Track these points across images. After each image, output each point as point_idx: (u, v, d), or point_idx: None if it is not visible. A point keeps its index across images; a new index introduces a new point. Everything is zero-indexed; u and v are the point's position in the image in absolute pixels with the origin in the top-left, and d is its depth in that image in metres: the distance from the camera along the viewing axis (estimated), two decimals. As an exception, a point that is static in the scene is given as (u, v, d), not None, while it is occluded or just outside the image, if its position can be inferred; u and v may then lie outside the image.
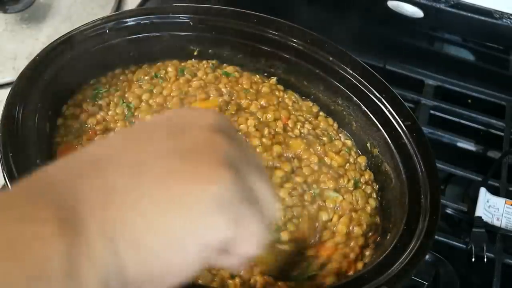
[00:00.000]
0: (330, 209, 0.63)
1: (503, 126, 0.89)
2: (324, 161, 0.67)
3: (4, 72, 0.85)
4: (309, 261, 0.58)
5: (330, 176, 0.66)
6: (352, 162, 0.69)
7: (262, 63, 0.76)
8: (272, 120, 0.70)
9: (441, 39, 1.05)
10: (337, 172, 0.66)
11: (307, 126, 0.71)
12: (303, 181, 0.64)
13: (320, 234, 0.61)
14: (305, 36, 0.74)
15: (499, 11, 0.90)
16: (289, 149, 0.67)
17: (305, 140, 0.69)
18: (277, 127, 0.69)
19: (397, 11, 0.96)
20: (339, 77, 0.72)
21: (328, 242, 0.60)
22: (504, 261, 0.69)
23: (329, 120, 0.73)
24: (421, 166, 0.62)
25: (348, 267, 0.59)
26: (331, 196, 0.64)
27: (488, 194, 0.75)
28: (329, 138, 0.70)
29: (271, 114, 0.70)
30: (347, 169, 0.68)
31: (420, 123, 0.71)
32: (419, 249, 0.54)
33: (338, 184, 0.65)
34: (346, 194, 0.64)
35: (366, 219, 0.63)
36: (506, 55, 1.01)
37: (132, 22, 0.71)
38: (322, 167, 0.66)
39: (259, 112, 0.71)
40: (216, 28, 0.74)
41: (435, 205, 0.58)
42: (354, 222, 0.62)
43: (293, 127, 0.70)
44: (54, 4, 0.95)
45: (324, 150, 0.68)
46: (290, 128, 0.70)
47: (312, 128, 0.71)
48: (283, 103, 0.73)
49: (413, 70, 0.96)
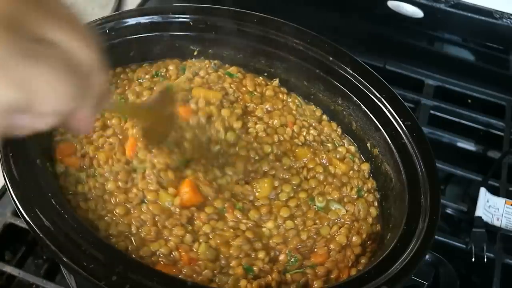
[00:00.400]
0: (332, 222, 0.63)
1: (503, 126, 0.89)
2: (329, 170, 0.68)
3: (4, 72, 0.85)
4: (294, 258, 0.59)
5: (334, 186, 0.66)
6: (355, 169, 0.69)
7: (262, 63, 0.76)
8: (279, 126, 0.70)
9: (441, 39, 1.05)
10: (340, 181, 0.67)
11: (312, 132, 0.71)
12: (307, 196, 0.64)
13: (313, 242, 0.61)
14: (305, 36, 0.74)
15: (499, 11, 0.90)
16: (296, 158, 0.68)
17: (311, 148, 0.69)
18: (284, 133, 0.70)
19: (397, 11, 0.96)
20: (339, 77, 0.72)
21: (321, 249, 0.60)
22: (504, 261, 0.69)
23: (332, 125, 0.73)
24: (421, 166, 0.62)
25: (340, 272, 0.59)
26: (335, 208, 0.64)
27: (488, 194, 0.75)
28: (333, 145, 0.71)
29: (277, 119, 0.71)
30: (351, 176, 0.68)
31: (420, 123, 0.71)
32: (419, 249, 0.54)
33: (341, 193, 0.65)
34: (348, 204, 0.64)
35: (367, 229, 0.63)
36: (506, 55, 1.01)
37: (132, 22, 0.71)
38: (327, 177, 0.67)
39: (265, 116, 0.71)
40: (216, 28, 0.74)
41: (435, 205, 0.58)
42: (354, 232, 0.62)
43: (298, 132, 0.71)
44: (54, 4, 0.95)
45: (328, 157, 0.69)
46: (296, 134, 0.70)
47: (317, 134, 0.71)
48: (287, 107, 0.73)
49: (413, 70, 0.97)
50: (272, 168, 0.65)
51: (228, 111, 0.68)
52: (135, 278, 0.47)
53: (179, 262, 0.56)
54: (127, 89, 0.70)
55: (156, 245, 0.56)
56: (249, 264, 0.57)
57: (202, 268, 0.55)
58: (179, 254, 0.56)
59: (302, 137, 0.70)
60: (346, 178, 0.67)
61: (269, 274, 0.56)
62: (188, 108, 0.67)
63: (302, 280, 0.57)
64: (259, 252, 0.58)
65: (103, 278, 0.46)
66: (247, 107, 0.71)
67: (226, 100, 0.70)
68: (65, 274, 0.63)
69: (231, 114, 0.68)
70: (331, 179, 0.67)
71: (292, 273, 0.58)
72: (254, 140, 0.68)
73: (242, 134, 0.67)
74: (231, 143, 0.66)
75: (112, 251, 0.50)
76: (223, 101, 0.70)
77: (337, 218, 0.63)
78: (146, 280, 0.47)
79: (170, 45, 0.74)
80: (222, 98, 0.70)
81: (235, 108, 0.69)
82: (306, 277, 0.57)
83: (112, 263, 0.47)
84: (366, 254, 0.61)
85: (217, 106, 0.68)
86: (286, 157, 0.67)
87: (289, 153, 0.68)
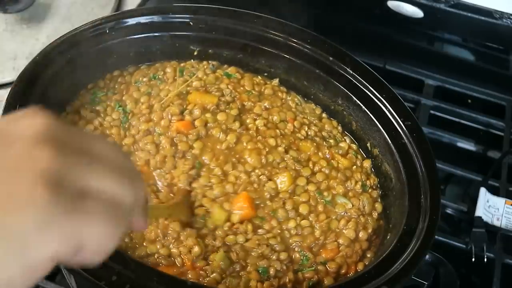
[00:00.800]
0: (339, 215, 0.63)
1: (503, 126, 0.89)
2: (332, 164, 0.67)
3: (4, 72, 0.85)
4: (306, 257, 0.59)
5: (338, 180, 0.66)
6: (358, 165, 0.69)
7: (262, 63, 0.76)
8: (279, 122, 0.70)
9: (441, 39, 1.05)
10: (344, 174, 0.67)
11: (313, 128, 0.71)
12: (316, 189, 0.64)
13: (324, 237, 0.61)
14: (305, 36, 0.74)
15: (499, 11, 0.90)
16: (300, 152, 0.67)
17: (314, 142, 0.69)
18: (285, 128, 0.69)
19: (397, 11, 0.96)
20: (339, 77, 0.72)
21: (331, 244, 0.60)
22: (504, 261, 0.69)
23: (333, 122, 0.73)
24: (421, 166, 0.62)
25: (349, 268, 0.59)
26: (341, 202, 0.64)
27: (488, 194, 0.75)
28: (335, 141, 0.70)
29: (277, 115, 0.70)
30: (354, 171, 0.68)
31: (420, 123, 0.71)
32: (419, 249, 0.54)
33: (346, 187, 0.65)
34: (353, 198, 0.65)
35: (372, 224, 0.63)
36: (506, 55, 1.01)
37: (132, 22, 0.71)
38: (332, 171, 0.67)
39: (264, 113, 0.71)
40: (216, 28, 0.74)
41: (435, 205, 0.58)
42: (360, 226, 0.62)
43: (300, 128, 0.70)
44: (54, 4, 0.95)
45: (331, 152, 0.69)
46: (297, 129, 0.70)
47: (318, 130, 0.71)
48: (286, 105, 0.73)
49: (413, 70, 0.96)
50: (283, 160, 0.65)
51: (224, 114, 0.68)
52: (135, 278, 0.47)
53: (182, 267, 0.56)
54: (124, 94, 0.70)
55: (153, 248, 0.56)
56: (267, 265, 0.57)
57: (210, 272, 0.55)
58: (181, 260, 0.56)
59: (303, 131, 0.70)
60: (349, 173, 0.67)
61: (285, 274, 0.57)
62: (186, 122, 0.66)
63: (314, 278, 0.57)
64: (281, 253, 0.58)
65: (103, 278, 0.46)
66: (244, 106, 0.71)
67: (223, 101, 0.69)
68: (65, 274, 0.63)
69: (227, 117, 0.67)
70: (335, 173, 0.67)
71: (304, 272, 0.58)
72: (256, 134, 0.67)
73: (243, 131, 0.67)
74: (235, 142, 0.66)
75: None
76: (220, 103, 0.69)
77: (344, 212, 0.63)
78: (146, 280, 0.47)
79: (170, 45, 0.74)
80: (218, 100, 0.69)
81: (231, 108, 0.69)
82: (318, 274, 0.58)
83: (112, 263, 0.47)
84: (371, 248, 0.61)
85: (212, 111, 0.68)
86: (291, 150, 0.67)
87: (293, 146, 0.68)
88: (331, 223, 0.62)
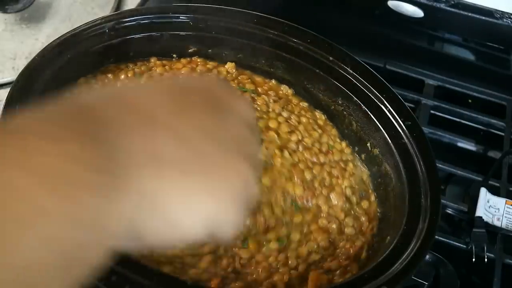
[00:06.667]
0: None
1: (504, 126, 0.89)
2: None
3: (3, 72, 0.85)
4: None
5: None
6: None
7: (262, 63, 0.76)
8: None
9: (441, 39, 1.05)
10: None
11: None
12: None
13: None
14: (305, 36, 0.74)
15: (500, 11, 0.90)
16: None
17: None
18: None
19: (397, 10, 0.96)
20: (339, 77, 0.72)
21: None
22: (505, 262, 0.69)
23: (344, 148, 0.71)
24: (421, 166, 0.62)
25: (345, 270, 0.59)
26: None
27: (489, 194, 0.75)
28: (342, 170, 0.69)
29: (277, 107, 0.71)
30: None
31: (420, 123, 0.71)
32: (419, 249, 0.54)
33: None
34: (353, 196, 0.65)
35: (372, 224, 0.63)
36: (507, 55, 1.01)
37: (132, 22, 0.71)
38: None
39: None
40: (216, 28, 0.74)
41: (435, 205, 0.58)
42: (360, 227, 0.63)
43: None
44: (54, 4, 0.95)
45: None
46: None
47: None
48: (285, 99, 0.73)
49: (413, 70, 0.96)
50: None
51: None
52: (135, 278, 0.47)
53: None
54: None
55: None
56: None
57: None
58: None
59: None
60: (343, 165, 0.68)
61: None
62: None
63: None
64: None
65: (103, 278, 0.46)
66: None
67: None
68: (65, 274, 0.63)
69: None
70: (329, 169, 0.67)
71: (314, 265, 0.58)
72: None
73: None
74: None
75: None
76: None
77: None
78: (146, 280, 0.47)
79: (170, 45, 0.74)
80: None
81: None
82: (329, 267, 0.58)
83: (112, 263, 0.47)
84: (371, 248, 0.62)
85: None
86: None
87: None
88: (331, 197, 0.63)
